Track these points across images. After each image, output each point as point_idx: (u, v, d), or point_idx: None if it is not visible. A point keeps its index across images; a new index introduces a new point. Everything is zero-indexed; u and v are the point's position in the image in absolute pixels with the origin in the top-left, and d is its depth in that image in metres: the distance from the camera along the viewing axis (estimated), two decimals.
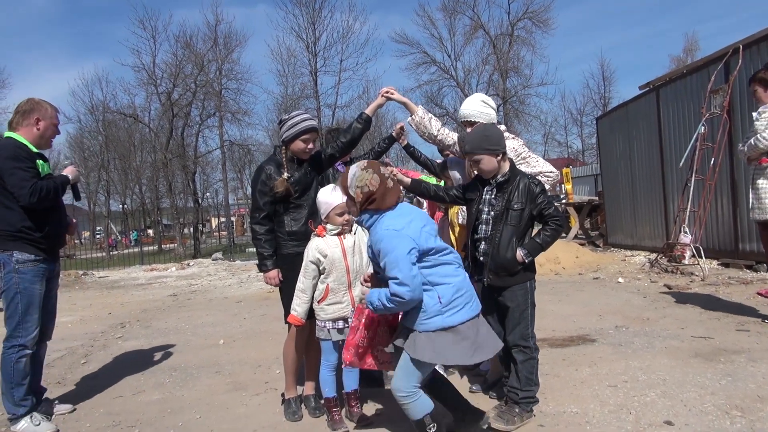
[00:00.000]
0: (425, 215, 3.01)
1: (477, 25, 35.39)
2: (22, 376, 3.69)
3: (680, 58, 46.40)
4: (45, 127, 3.79)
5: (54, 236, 3.83)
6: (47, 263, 3.80)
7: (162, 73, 31.77)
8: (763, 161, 5.06)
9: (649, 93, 11.20)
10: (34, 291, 3.71)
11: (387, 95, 3.98)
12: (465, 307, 2.84)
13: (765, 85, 5.12)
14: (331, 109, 32.35)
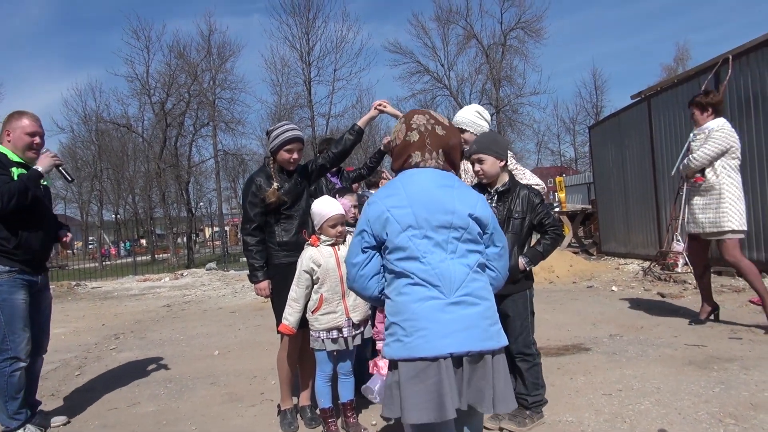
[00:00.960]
0: (439, 193, 2.06)
1: (470, 35, 35.62)
2: (16, 389, 3.65)
3: (671, 67, 46.80)
4: (15, 138, 3.72)
5: (31, 247, 3.69)
6: (27, 275, 3.69)
7: (155, 83, 31.83)
8: (698, 179, 5.42)
9: (641, 102, 11.30)
10: (15, 302, 3.62)
11: (380, 108, 4.03)
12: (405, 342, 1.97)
13: (702, 109, 5.50)
14: (324, 119, 32.49)
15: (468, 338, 1.92)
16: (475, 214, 2.05)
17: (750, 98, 8.20)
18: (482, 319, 1.96)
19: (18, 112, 3.80)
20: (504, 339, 2.04)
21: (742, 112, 8.37)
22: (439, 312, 1.93)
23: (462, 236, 2.02)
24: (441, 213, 2.01)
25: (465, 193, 2.10)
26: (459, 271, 1.98)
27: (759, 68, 8.02)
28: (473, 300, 1.97)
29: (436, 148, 2.13)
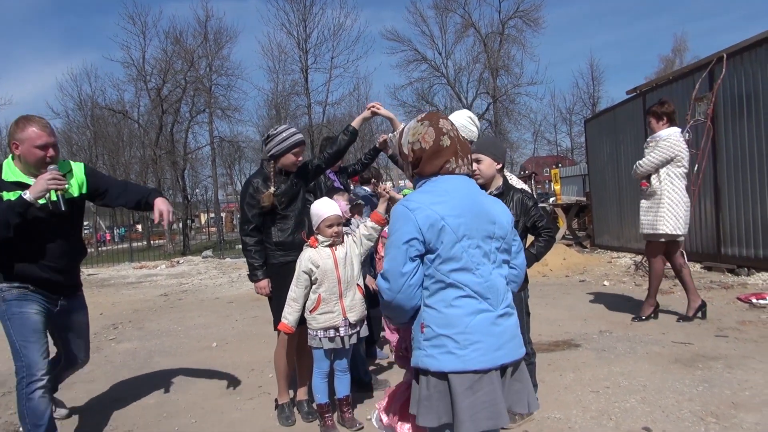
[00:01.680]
0: (483, 202, 2.09)
1: (468, 24, 35.51)
2: (37, 415, 3.13)
3: (669, 57, 46.85)
4: (25, 152, 3.15)
5: (31, 276, 3.21)
6: (40, 294, 3.27)
7: (151, 68, 31.58)
8: (643, 184, 5.84)
9: (636, 98, 11.38)
10: (25, 315, 3.18)
11: (373, 109, 4.12)
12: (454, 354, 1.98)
13: (657, 118, 5.78)
14: (321, 107, 32.37)
15: (514, 348, 2.02)
16: (512, 220, 2.15)
17: (743, 97, 8.29)
18: (517, 327, 2.07)
19: (24, 118, 3.21)
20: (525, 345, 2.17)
21: (735, 110, 8.47)
22: (492, 325, 1.98)
23: (501, 246, 2.07)
24: (487, 223, 2.03)
25: (497, 201, 2.17)
26: (502, 283, 2.05)
27: (752, 67, 8.11)
28: (511, 311, 2.06)
29: (465, 154, 2.14)
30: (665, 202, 5.64)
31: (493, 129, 35.12)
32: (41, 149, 3.15)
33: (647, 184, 5.78)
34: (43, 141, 3.15)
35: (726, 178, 8.80)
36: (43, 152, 3.16)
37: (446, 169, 2.09)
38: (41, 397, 3.12)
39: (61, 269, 3.31)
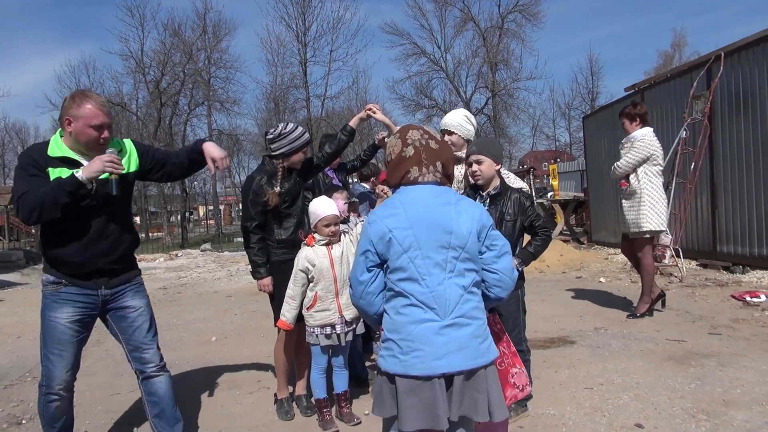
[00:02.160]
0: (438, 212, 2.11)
1: (467, 17, 35.49)
2: (51, 418, 3.05)
3: (668, 53, 46.83)
4: (78, 130, 2.90)
5: (71, 261, 2.96)
6: (79, 288, 3.00)
7: (150, 61, 31.57)
8: (623, 184, 6.03)
9: (634, 95, 11.41)
10: (52, 322, 2.97)
11: (370, 112, 4.16)
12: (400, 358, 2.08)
13: (631, 119, 5.99)
14: (320, 100, 32.39)
15: (460, 358, 2.03)
16: (475, 229, 2.11)
17: (740, 95, 8.34)
18: (473, 338, 2.06)
19: (81, 93, 2.98)
20: (494, 352, 2.15)
21: (732, 109, 8.52)
22: (434, 335, 2.03)
23: (460, 255, 2.07)
24: (440, 233, 2.06)
25: (464, 208, 2.13)
26: (454, 293, 2.06)
27: (750, 66, 8.15)
28: (465, 321, 2.05)
29: (432, 161, 2.16)
30: (645, 200, 5.83)
31: (491, 123, 35.16)
32: (96, 129, 2.91)
33: (626, 184, 5.96)
34: (99, 121, 2.90)
35: (722, 176, 8.86)
36: (98, 133, 2.92)
37: (407, 178, 2.16)
38: (57, 408, 3.02)
39: (99, 253, 3.00)
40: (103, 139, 2.94)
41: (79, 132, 2.89)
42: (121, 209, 3.14)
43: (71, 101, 2.91)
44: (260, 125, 34.46)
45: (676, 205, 9.15)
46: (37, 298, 9.44)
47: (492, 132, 34.26)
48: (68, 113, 2.89)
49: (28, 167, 2.87)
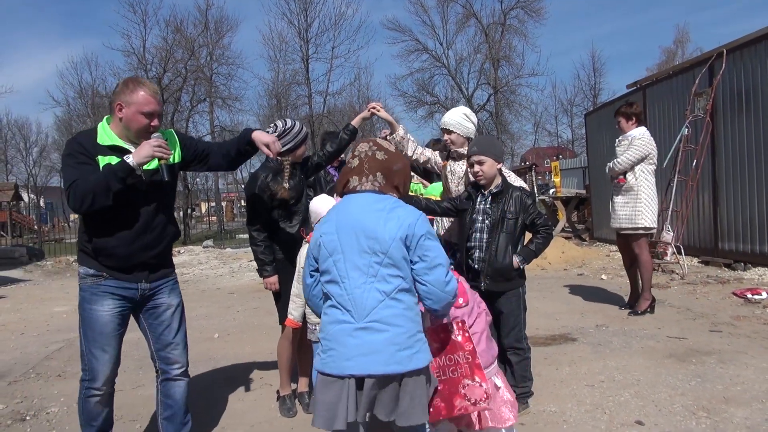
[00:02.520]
0: (365, 218, 2.18)
1: (469, 14, 35.40)
2: (89, 416, 3.01)
3: (671, 49, 46.67)
4: (128, 117, 2.86)
5: (114, 254, 2.90)
6: (119, 281, 2.95)
7: (152, 57, 31.54)
8: (621, 180, 6.08)
9: (636, 92, 11.41)
10: (93, 314, 2.91)
11: (373, 110, 4.17)
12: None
13: (627, 118, 6.10)
14: (322, 96, 32.35)
15: (371, 362, 2.05)
16: (399, 235, 2.10)
17: (743, 93, 8.34)
18: (388, 345, 2.06)
19: (133, 80, 2.95)
20: (418, 362, 2.11)
21: (734, 106, 8.52)
22: (347, 336, 2.08)
23: (383, 261, 2.10)
24: (364, 238, 2.11)
25: (396, 215, 2.13)
26: (372, 298, 2.08)
27: (752, 63, 8.15)
28: (381, 326, 2.07)
29: (373, 171, 2.23)
30: (643, 198, 5.94)
31: (493, 120, 35.10)
32: (147, 116, 2.88)
33: (624, 181, 6.03)
34: (151, 108, 2.88)
35: (724, 174, 8.86)
36: (148, 120, 2.89)
37: (348, 187, 2.28)
38: (97, 403, 2.98)
39: (144, 246, 2.95)
40: (152, 127, 2.91)
41: (129, 118, 2.86)
42: (166, 200, 3.11)
43: (124, 87, 2.89)
44: (262, 122, 34.46)
45: (677, 202, 9.16)
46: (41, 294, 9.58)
47: (494, 128, 34.23)
48: (120, 98, 2.86)
49: (78, 155, 2.82)
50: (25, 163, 47.83)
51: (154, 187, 2.95)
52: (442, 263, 2.16)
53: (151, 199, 2.96)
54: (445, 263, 2.16)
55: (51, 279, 12.98)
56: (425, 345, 2.15)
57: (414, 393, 2.10)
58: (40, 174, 48.59)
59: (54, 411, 4.19)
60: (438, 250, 2.17)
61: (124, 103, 2.85)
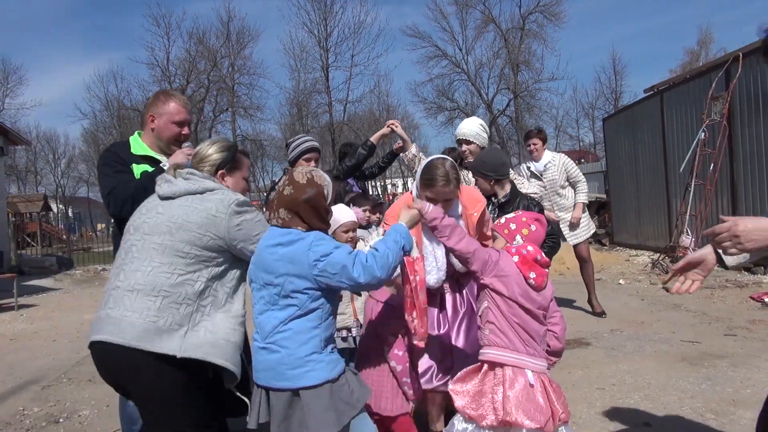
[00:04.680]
0: (266, 255, 2.33)
1: (488, 19, 35.39)
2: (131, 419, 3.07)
3: (694, 50, 46.04)
4: (161, 126, 3.05)
5: None
6: None
7: (175, 69, 32.30)
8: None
9: (654, 96, 11.42)
10: None
11: (392, 126, 4.34)
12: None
13: (544, 142, 6.66)
14: (342, 104, 32.69)
15: (268, 377, 2.31)
16: (293, 270, 2.25)
17: (759, 96, 8.33)
18: (279, 364, 2.28)
19: (164, 92, 3.17)
20: (308, 380, 2.26)
21: (751, 109, 8.51)
22: (256, 352, 2.35)
23: (280, 292, 2.28)
24: (263, 272, 2.32)
25: (292, 250, 2.27)
26: (270, 324, 2.30)
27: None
28: (276, 348, 2.29)
29: (277, 207, 2.38)
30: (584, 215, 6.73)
31: (513, 125, 35.03)
32: (178, 125, 3.07)
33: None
34: (181, 117, 3.08)
35: (743, 177, 8.83)
36: (179, 129, 3.08)
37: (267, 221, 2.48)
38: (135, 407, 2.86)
39: None
40: (183, 136, 3.09)
41: (162, 128, 3.04)
42: None
43: (156, 99, 3.09)
44: (283, 130, 34.91)
45: (695, 207, 9.16)
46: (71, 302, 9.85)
47: (514, 133, 34.17)
48: (153, 110, 3.05)
49: (114, 164, 2.99)
50: (54, 174, 48.98)
51: None
52: (345, 265, 2.25)
53: None
54: (344, 267, 2.25)
55: (80, 287, 13.34)
56: (319, 365, 2.29)
57: (318, 407, 2.27)
58: (68, 185, 49.75)
59: (86, 414, 4.40)
60: (333, 262, 2.26)
61: (156, 114, 3.04)
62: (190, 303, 2.33)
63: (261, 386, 2.36)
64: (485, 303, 2.55)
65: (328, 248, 2.28)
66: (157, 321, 2.26)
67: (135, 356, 2.23)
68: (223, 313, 2.42)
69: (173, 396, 2.31)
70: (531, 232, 2.64)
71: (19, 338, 7.54)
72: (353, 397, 2.35)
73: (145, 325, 2.24)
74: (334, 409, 2.28)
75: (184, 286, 2.33)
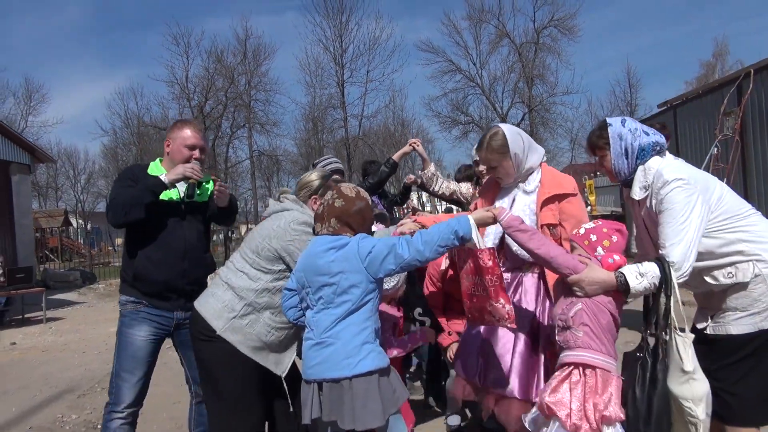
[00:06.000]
0: (316, 260, 2.60)
1: (502, 33, 35.61)
2: None
3: (710, 62, 45.87)
4: (174, 150, 3.25)
5: (154, 279, 3.13)
6: (158, 310, 3.19)
7: (194, 87, 32.83)
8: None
9: (667, 111, 11.56)
10: (131, 337, 3.13)
11: (413, 145, 4.58)
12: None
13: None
14: (357, 120, 33.02)
15: (321, 370, 2.49)
16: (348, 267, 2.50)
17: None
18: (335, 354, 2.48)
19: (181, 121, 3.42)
20: (362, 368, 2.46)
21: (763, 124, 8.64)
22: (309, 350, 2.55)
23: (336, 290, 2.51)
24: (317, 275, 2.54)
25: (345, 251, 2.53)
26: (327, 320, 2.52)
27: None
28: (331, 341, 2.50)
29: (329, 218, 2.63)
30: None
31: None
32: (190, 149, 3.24)
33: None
34: (192, 142, 3.25)
35: (756, 192, 8.93)
36: (191, 152, 3.24)
37: (316, 232, 2.68)
38: (118, 428, 3.11)
39: (181, 272, 3.18)
40: (194, 159, 3.25)
41: (175, 151, 3.24)
42: (204, 230, 3.40)
43: (173, 126, 3.37)
44: (299, 146, 35.32)
45: None
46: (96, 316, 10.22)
47: None
48: (169, 136, 3.30)
49: (126, 180, 3.19)
50: (74, 190, 49.84)
51: (193, 215, 3.29)
52: (390, 252, 2.49)
53: (188, 228, 3.25)
54: (390, 249, 2.49)
55: (104, 301, 13.67)
56: (372, 354, 2.51)
57: (365, 395, 2.45)
58: (87, 200, 50.58)
59: None
60: (379, 250, 2.50)
61: (171, 139, 3.27)
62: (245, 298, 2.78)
63: (313, 380, 2.53)
64: (579, 305, 2.57)
65: (373, 241, 2.56)
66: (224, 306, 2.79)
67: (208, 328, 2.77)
68: (270, 314, 2.81)
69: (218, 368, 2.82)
70: (612, 243, 2.65)
71: (51, 350, 7.83)
72: (395, 394, 2.55)
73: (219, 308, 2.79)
74: (381, 400, 2.47)
75: (246, 282, 2.81)
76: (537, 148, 3.21)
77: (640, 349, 2.56)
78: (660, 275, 2.47)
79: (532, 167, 3.14)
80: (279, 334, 2.84)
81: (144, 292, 3.17)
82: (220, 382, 2.81)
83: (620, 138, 2.70)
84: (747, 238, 2.58)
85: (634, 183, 2.70)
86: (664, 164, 2.64)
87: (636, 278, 2.47)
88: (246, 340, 2.77)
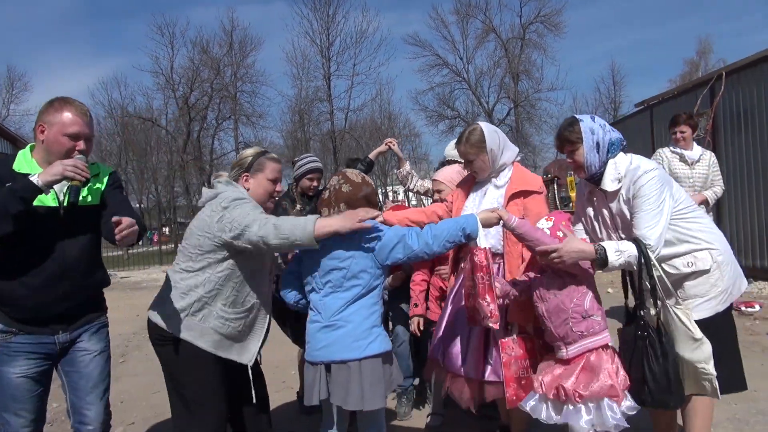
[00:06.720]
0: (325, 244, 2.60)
1: (489, 29, 35.76)
2: None
3: (693, 60, 46.41)
4: (50, 139, 2.49)
5: (23, 303, 2.48)
6: (33, 335, 2.53)
7: (179, 77, 32.72)
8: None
9: (644, 111, 11.80)
10: (5, 378, 2.49)
11: (389, 144, 4.76)
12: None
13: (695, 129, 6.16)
14: (343, 113, 33.10)
15: (331, 352, 2.58)
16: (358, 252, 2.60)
17: (741, 114, 8.71)
18: (346, 336, 2.58)
19: (60, 99, 2.56)
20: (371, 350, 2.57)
21: (734, 127, 8.89)
22: (316, 332, 2.64)
23: (346, 275, 2.61)
24: (327, 259, 2.62)
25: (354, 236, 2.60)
26: (336, 304, 2.61)
27: (749, 85, 8.53)
28: (342, 323, 2.59)
29: (338, 202, 2.73)
30: None
31: (514, 134, 35.36)
32: (72, 138, 2.50)
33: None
34: (75, 129, 2.50)
35: (726, 192, 9.18)
36: (72, 143, 2.50)
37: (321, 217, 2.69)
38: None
39: (61, 296, 2.55)
40: (77, 152, 2.51)
41: (52, 141, 2.49)
42: (91, 241, 2.65)
43: (48, 106, 2.53)
44: (285, 138, 35.31)
45: None
46: None
47: (515, 142, 34.44)
48: (43, 119, 2.51)
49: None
50: None
51: (75, 224, 2.54)
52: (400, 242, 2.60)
53: (69, 242, 2.54)
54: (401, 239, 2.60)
55: None
56: (380, 337, 2.64)
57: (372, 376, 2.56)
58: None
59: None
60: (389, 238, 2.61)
61: (46, 124, 2.49)
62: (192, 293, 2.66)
63: (320, 362, 2.61)
64: (589, 294, 2.84)
65: (383, 228, 2.66)
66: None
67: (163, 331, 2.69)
68: (222, 306, 2.68)
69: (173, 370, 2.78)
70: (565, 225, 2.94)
71: None
72: (392, 377, 2.70)
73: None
74: (384, 382, 2.61)
75: (193, 279, 2.67)
76: (511, 146, 3.39)
77: (640, 328, 2.74)
78: (637, 254, 2.67)
79: (505, 163, 3.33)
80: (235, 325, 2.69)
81: (15, 318, 2.51)
82: (180, 382, 2.74)
83: (592, 132, 2.86)
84: (700, 228, 2.80)
85: (605, 176, 2.85)
86: (637, 157, 2.86)
87: (615, 253, 2.67)
88: (203, 335, 2.62)
